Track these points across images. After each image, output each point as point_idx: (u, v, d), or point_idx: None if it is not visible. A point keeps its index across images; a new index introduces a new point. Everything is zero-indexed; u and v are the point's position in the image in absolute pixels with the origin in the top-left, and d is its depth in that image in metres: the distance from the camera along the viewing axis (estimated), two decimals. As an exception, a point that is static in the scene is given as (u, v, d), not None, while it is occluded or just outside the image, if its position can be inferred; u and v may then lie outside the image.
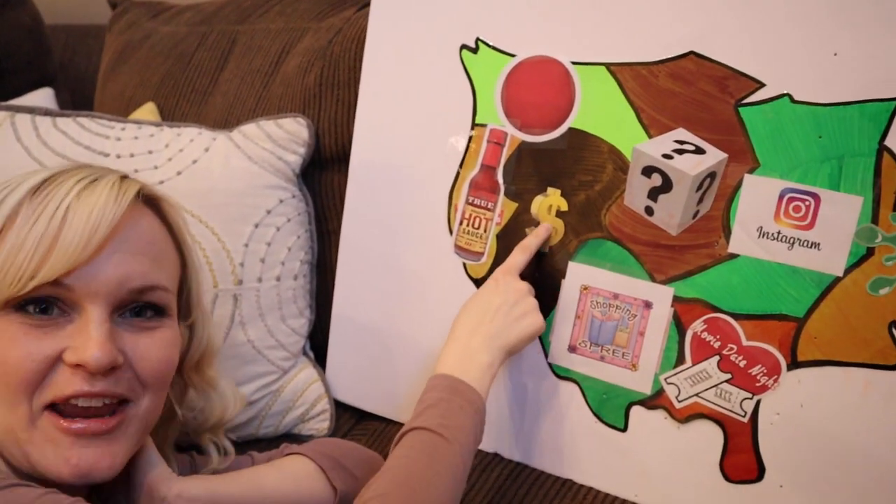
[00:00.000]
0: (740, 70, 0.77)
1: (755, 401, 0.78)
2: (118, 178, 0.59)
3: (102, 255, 0.56)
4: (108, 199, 0.56)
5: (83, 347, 0.54)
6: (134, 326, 0.58)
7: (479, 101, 0.89)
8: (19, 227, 0.55)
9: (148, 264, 0.59)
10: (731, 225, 0.78)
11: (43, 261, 0.54)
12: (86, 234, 0.54)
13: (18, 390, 0.54)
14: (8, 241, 0.55)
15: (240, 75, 1.07)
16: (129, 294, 0.57)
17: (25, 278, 0.53)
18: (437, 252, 0.91)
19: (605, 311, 0.84)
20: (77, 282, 0.55)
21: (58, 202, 0.55)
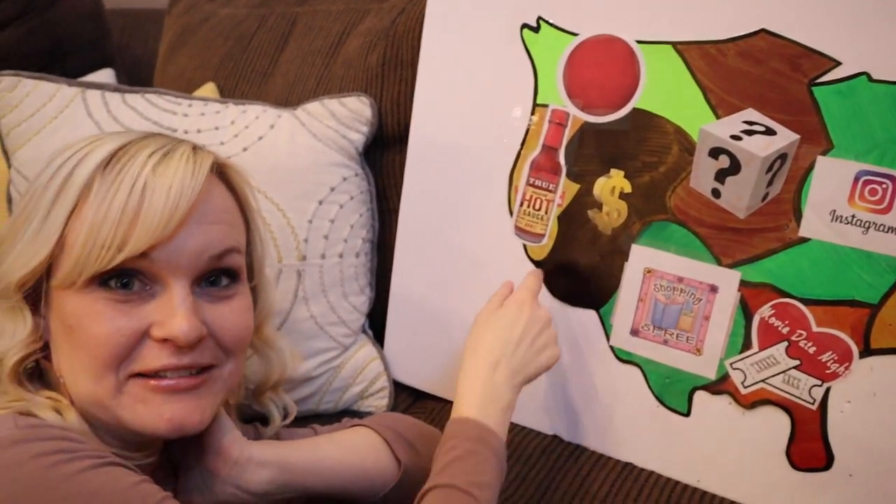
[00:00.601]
0: (814, 48, 0.75)
1: (825, 388, 0.76)
2: (191, 150, 0.59)
3: (183, 228, 0.56)
4: (185, 172, 0.56)
5: (170, 323, 0.55)
6: (211, 296, 0.59)
7: (541, 82, 0.88)
8: (97, 202, 0.55)
9: (225, 230, 0.60)
10: (802, 208, 0.76)
11: (127, 235, 0.54)
12: (167, 210, 0.54)
13: (106, 364, 0.55)
14: (87, 216, 0.55)
15: (300, 56, 1.08)
16: (209, 261, 0.58)
17: (112, 251, 0.54)
18: (497, 233, 0.90)
19: (669, 295, 0.82)
20: (160, 255, 0.55)
21: (134, 176, 0.55)
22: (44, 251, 0.56)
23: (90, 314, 0.55)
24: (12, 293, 0.58)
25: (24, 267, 0.57)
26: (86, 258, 0.54)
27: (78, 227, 0.55)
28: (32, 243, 0.57)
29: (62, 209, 0.56)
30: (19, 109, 0.87)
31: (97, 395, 0.56)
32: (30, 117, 0.87)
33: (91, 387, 0.56)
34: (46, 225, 0.57)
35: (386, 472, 0.70)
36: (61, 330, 0.57)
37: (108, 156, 0.57)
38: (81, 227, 0.55)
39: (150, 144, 0.58)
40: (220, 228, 0.59)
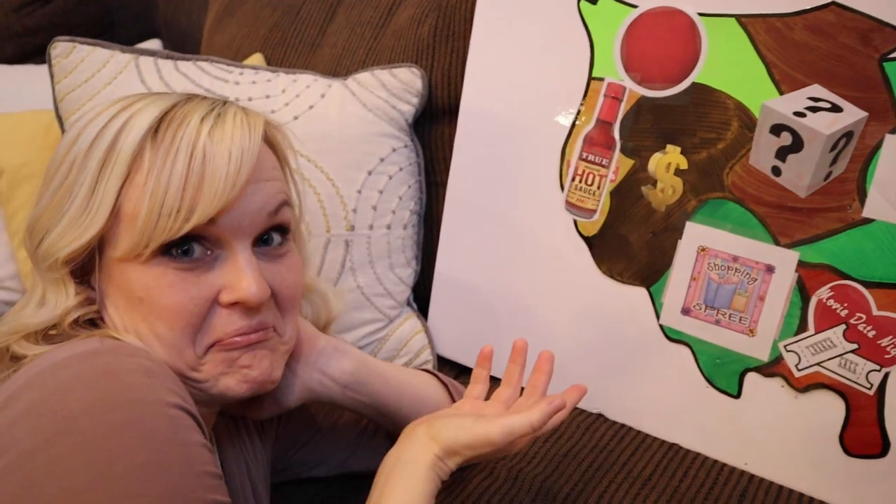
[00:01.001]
0: (887, 21, 0.72)
1: (883, 373, 0.74)
2: (243, 112, 0.58)
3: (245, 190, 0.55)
4: (242, 135, 0.55)
5: (239, 286, 0.55)
6: (268, 256, 0.59)
7: (597, 54, 0.86)
8: (156, 171, 0.53)
9: (277, 185, 0.59)
10: (866, 188, 0.74)
11: (194, 202, 0.53)
12: (231, 175, 0.54)
13: (185, 334, 0.55)
14: (147, 185, 0.53)
15: (349, 27, 1.07)
16: (267, 218, 0.58)
17: (181, 220, 0.53)
18: (547, 208, 0.89)
19: (724, 274, 0.81)
20: (225, 220, 0.55)
21: (190, 142, 0.54)
22: (97, 224, 0.54)
23: (161, 286, 0.54)
24: (59, 267, 0.57)
25: (76, 241, 0.55)
26: (152, 229, 0.53)
27: (136, 197, 0.54)
28: (82, 217, 0.55)
29: (112, 179, 0.54)
30: (74, 75, 0.88)
31: (179, 368, 0.55)
32: (84, 83, 0.87)
33: (174, 361, 0.55)
34: (96, 198, 0.55)
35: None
36: (125, 302, 0.56)
37: (154, 121, 0.55)
38: (142, 197, 0.53)
39: (198, 108, 0.57)
40: (273, 185, 0.59)
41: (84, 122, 0.57)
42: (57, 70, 0.89)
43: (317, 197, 0.85)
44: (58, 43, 0.89)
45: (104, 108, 0.57)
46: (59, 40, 0.89)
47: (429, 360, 0.94)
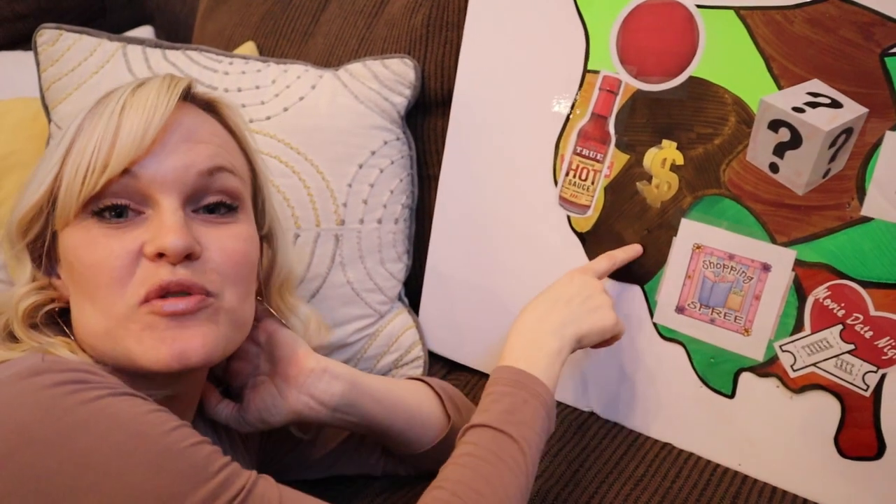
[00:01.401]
0: (890, 16, 0.71)
1: (880, 374, 0.73)
2: (169, 76, 0.60)
3: (167, 145, 0.57)
4: (159, 91, 0.57)
5: (160, 236, 0.55)
6: (208, 222, 0.58)
7: (593, 46, 0.85)
8: (84, 134, 0.57)
9: (213, 149, 0.59)
10: (865, 186, 0.73)
11: (108, 156, 0.55)
12: (142, 124, 0.55)
13: (110, 289, 0.55)
14: (75, 147, 0.57)
15: (342, 15, 1.05)
16: (198, 178, 0.58)
17: (97, 175, 0.55)
18: (540, 203, 0.88)
19: (719, 272, 0.79)
20: (144, 171, 0.56)
21: (114, 103, 0.57)
22: (42, 189, 0.57)
23: (84, 244, 0.56)
24: (15, 240, 0.59)
25: (25, 206, 0.58)
26: (73, 187, 0.55)
27: (70, 161, 0.57)
28: (32, 185, 0.59)
29: (58, 152, 0.58)
30: (60, 63, 0.86)
31: (108, 326, 0.55)
32: (70, 71, 0.86)
33: (102, 321, 0.55)
34: (44, 165, 0.59)
35: (437, 424, 0.72)
36: (67, 274, 0.58)
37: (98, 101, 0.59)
38: (70, 159, 0.57)
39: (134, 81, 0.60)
40: (207, 147, 0.59)
41: None
42: (43, 58, 0.87)
43: (307, 190, 0.84)
44: (44, 30, 0.87)
45: None
46: (46, 27, 0.87)
47: (419, 356, 0.93)
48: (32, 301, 0.58)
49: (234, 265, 0.58)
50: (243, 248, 0.59)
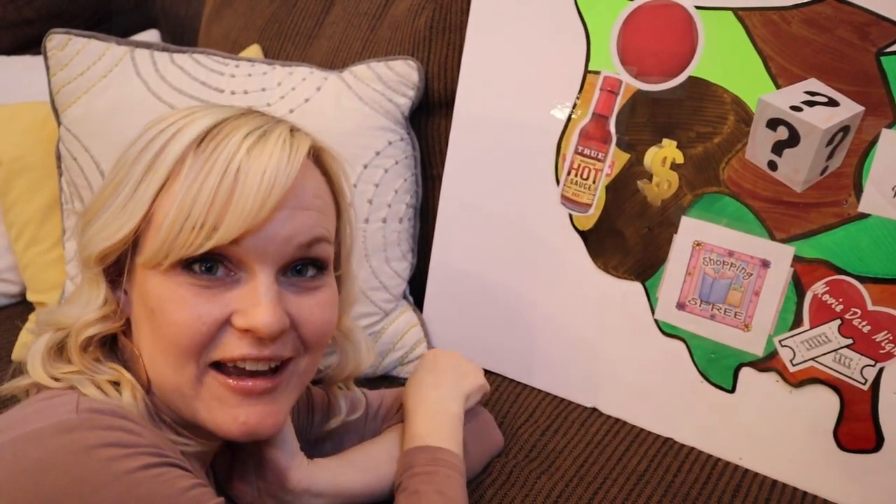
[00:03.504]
0: (884, 15, 0.72)
1: (878, 368, 0.74)
2: (288, 133, 0.56)
3: (276, 215, 0.53)
4: (280, 156, 0.53)
5: (253, 313, 0.53)
6: (297, 286, 0.56)
7: (593, 47, 0.86)
8: (188, 181, 0.52)
9: (315, 217, 0.56)
10: (862, 183, 0.74)
11: (218, 219, 0.51)
12: (261, 195, 0.51)
13: (188, 352, 0.53)
14: (177, 194, 0.52)
15: (346, 18, 1.07)
16: (297, 250, 0.55)
17: (203, 236, 0.51)
18: (542, 202, 0.89)
19: (719, 269, 0.81)
20: (250, 242, 0.53)
21: (228, 157, 0.52)
22: (129, 226, 0.54)
23: (173, 299, 0.53)
24: (93, 265, 0.56)
25: (108, 240, 0.55)
26: (174, 240, 0.52)
27: (167, 205, 0.53)
28: (118, 216, 0.54)
29: (152, 184, 0.54)
30: (69, 68, 0.88)
31: (177, 383, 0.54)
32: (79, 76, 0.87)
33: (172, 375, 0.54)
34: (134, 199, 0.54)
35: None
36: (143, 311, 0.55)
37: (202, 132, 0.54)
38: (171, 205, 0.52)
39: (247, 124, 0.55)
40: (311, 215, 0.56)
41: (149, 125, 0.57)
42: (52, 62, 0.88)
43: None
44: (53, 35, 0.88)
45: (169, 114, 0.57)
46: (55, 32, 0.89)
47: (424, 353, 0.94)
48: (98, 331, 0.56)
49: (320, 336, 0.58)
50: (329, 318, 0.58)
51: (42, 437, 0.48)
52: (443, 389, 0.72)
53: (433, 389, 0.72)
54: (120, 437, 0.49)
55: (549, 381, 0.91)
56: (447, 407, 0.70)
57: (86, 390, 0.53)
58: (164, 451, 0.50)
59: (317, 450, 0.70)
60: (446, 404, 0.70)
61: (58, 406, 0.51)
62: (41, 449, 0.47)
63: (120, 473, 0.46)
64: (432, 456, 0.65)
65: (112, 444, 0.48)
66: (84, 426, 0.48)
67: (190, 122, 0.55)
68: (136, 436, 0.49)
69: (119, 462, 0.47)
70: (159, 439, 0.52)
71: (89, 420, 0.49)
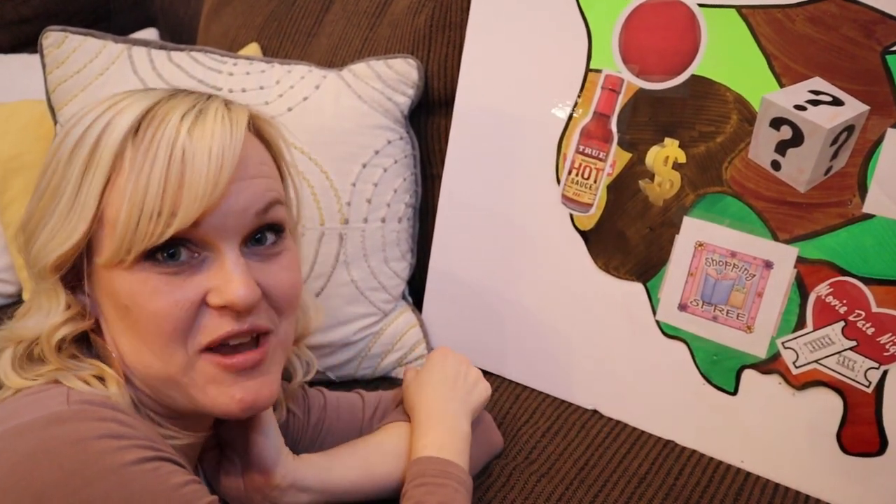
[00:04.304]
0: (891, 14, 0.71)
1: (882, 371, 0.73)
2: (224, 107, 0.55)
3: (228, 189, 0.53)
4: (223, 133, 0.53)
5: (227, 289, 0.53)
6: (260, 255, 0.56)
7: (595, 46, 0.85)
8: (135, 173, 0.51)
9: (265, 182, 0.57)
10: (867, 183, 0.73)
11: (175, 205, 0.51)
12: (212, 175, 0.51)
13: (172, 339, 0.53)
14: (126, 188, 0.51)
15: (345, 16, 1.06)
16: (255, 218, 0.55)
17: (161, 226, 0.51)
18: (543, 202, 0.88)
19: (721, 270, 0.80)
20: (209, 222, 0.53)
21: (169, 142, 0.52)
22: (80, 229, 0.53)
23: (145, 291, 0.52)
24: (48, 275, 0.55)
25: (60, 247, 0.53)
26: (133, 234, 0.51)
27: (117, 201, 0.52)
28: (66, 222, 0.53)
29: (95, 182, 0.52)
30: (65, 65, 0.87)
31: (169, 373, 0.54)
32: (76, 73, 0.87)
33: (162, 366, 0.54)
34: (79, 201, 0.53)
35: None
36: (114, 310, 0.55)
37: (135, 120, 0.53)
38: (121, 201, 0.51)
39: (179, 105, 0.54)
40: (261, 182, 0.56)
41: (72, 122, 0.55)
42: (49, 60, 0.88)
43: (311, 190, 0.85)
44: (49, 33, 0.88)
45: (91, 107, 0.56)
46: (51, 30, 0.88)
47: (423, 354, 0.93)
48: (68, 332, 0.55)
49: (290, 299, 0.58)
50: (296, 279, 0.59)
51: (33, 430, 0.47)
52: (455, 404, 0.71)
53: (447, 403, 0.71)
54: (113, 428, 0.48)
55: (549, 382, 0.90)
56: (460, 424, 0.70)
57: (71, 384, 0.53)
58: (157, 444, 0.50)
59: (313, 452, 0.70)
60: (459, 421, 0.70)
61: (48, 398, 0.50)
62: (32, 441, 0.46)
63: (114, 467, 0.46)
64: (443, 469, 0.65)
65: (106, 436, 0.47)
66: (76, 417, 0.48)
67: (119, 111, 0.54)
68: (130, 427, 0.49)
69: (113, 455, 0.46)
70: (151, 432, 0.52)
71: (82, 411, 0.49)
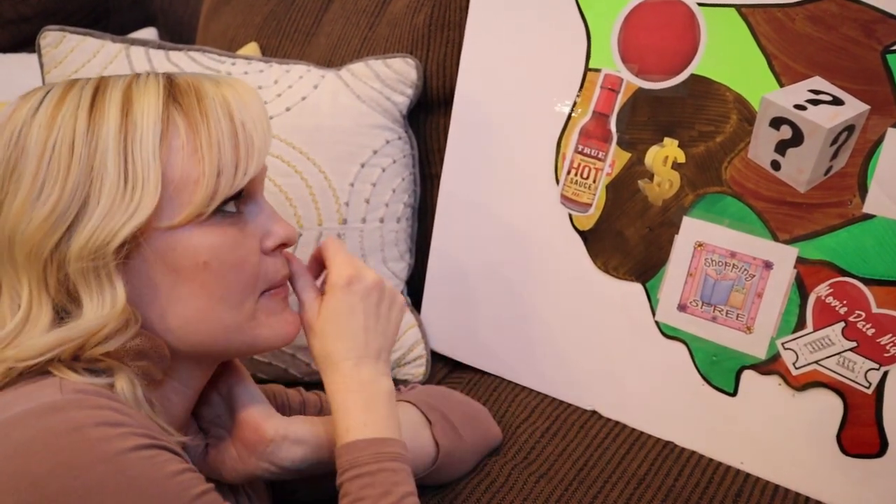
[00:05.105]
0: (891, 13, 0.71)
1: (882, 372, 0.73)
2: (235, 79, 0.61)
3: None
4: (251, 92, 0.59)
5: (279, 228, 0.60)
6: None
7: (594, 45, 0.85)
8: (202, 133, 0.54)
9: None
10: (867, 183, 0.72)
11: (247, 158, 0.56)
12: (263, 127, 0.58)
13: (248, 286, 0.58)
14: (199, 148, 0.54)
15: (344, 15, 1.06)
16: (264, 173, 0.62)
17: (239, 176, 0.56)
18: (542, 201, 0.88)
19: (721, 270, 0.79)
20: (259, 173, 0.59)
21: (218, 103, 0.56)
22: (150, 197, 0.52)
23: (226, 243, 0.56)
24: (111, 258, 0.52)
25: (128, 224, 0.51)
26: (214, 188, 0.54)
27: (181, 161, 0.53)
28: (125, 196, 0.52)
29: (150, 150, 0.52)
30: (63, 65, 0.87)
31: (237, 322, 0.57)
32: (74, 73, 0.86)
33: (233, 317, 0.57)
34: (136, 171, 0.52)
35: (424, 455, 0.68)
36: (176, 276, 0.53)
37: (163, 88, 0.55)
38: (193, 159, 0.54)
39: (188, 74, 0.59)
40: None
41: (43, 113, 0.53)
42: (47, 60, 0.88)
43: (308, 189, 0.84)
44: (47, 32, 0.88)
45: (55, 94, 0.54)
46: (49, 29, 0.88)
47: (422, 354, 0.93)
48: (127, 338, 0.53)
49: None
50: None
51: (28, 419, 0.47)
52: (367, 362, 0.62)
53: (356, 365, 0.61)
54: (109, 416, 0.48)
55: (548, 382, 0.90)
56: (379, 386, 0.61)
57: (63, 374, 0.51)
58: (153, 432, 0.50)
59: None
60: (377, 383, 0.61)
61: (40, 390, 0.50)
62: (27, 431, 0.46)
63: (110, 454, 0.46)
64: (375, 451, 0.58)
65: (102, 424, 0.47)
66: (72, 405, 0.48)
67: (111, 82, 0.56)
68: (126, 416, 0.49)
69: (109, 442, 0.46)
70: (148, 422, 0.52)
71: (77, 400, 0.49)
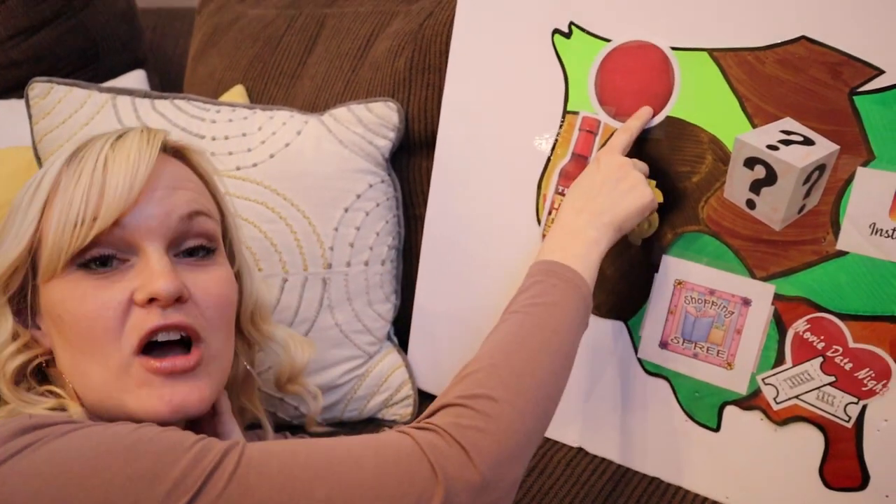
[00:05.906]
0: (856, 56, 0.73)
1: (861, 406, 0.74)
2: (145, 129, 0.63)
3: (148, 195, 0.59)
4: (140, 143, 0.60)
5: (150, 282, 0.57)
6: (190, 265, 0.61)
7: (572, 88, 0.87)
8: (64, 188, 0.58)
9: (191, 194, 0.63)
10: (840, 220, 0.74)
11: (97, 208, 0.57)
12: (129, 177, 0.58)
13: (104, 340, 0.57)
14: (56, 204, 0.58)
15: (328, 59, 1.07)
16: (180, 222, 0.61)
17: (86, 227, 0.57)
18: (524, 242, 0.89)
19: (700, 308, 0.81)
20: (130, 221, 0.58)
21: (94, 157, 0.59)
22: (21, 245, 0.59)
23: (74, 297, 0.57)
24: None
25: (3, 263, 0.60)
26: (60, 241, 0.57)
27: (51, 217, 0.58)
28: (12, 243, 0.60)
29: (35, 205, 0.60)
30: (51, 116, 0.88)
31: (106, 379, 0.57)
32: (61, 123, 0.88)
33: (100, 373, 0.57)
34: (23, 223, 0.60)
35: None
36: (54, 327, 0.59)
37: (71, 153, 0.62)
38: (52, 214, 0.58)
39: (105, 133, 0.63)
40: (186, 193, 0.62)
41: None
42: (35, 111, 0.89)
43: (293, 235, 0.86)
44: (35, 84, 0.89)
45: None
46: (37, 81, 0.89)
47: (409, 394, 0.94)
48: (21, 361, 0.60)
49: (219, 308, 0.61)
50: (225, 292, 0.63)
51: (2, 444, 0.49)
52: (586, 215, 0.70)
53: (575, 214, 0.70)
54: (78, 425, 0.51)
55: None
56: (582, 232, 0.68)
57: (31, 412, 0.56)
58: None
59: None
60: (582, 230, 0.69)
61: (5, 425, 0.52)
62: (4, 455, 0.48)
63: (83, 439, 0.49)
64: (547, 268, 0.65)
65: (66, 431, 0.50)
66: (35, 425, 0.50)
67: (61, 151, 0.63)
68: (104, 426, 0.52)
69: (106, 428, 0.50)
70: None
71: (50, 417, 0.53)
